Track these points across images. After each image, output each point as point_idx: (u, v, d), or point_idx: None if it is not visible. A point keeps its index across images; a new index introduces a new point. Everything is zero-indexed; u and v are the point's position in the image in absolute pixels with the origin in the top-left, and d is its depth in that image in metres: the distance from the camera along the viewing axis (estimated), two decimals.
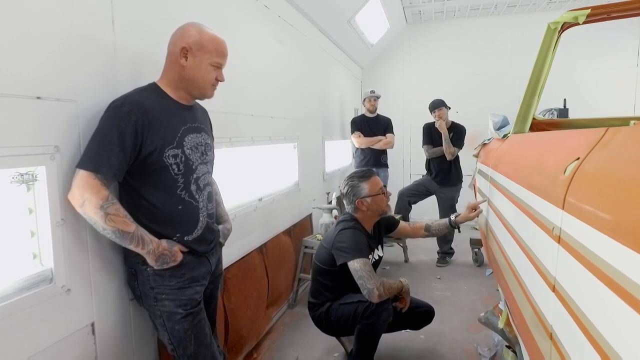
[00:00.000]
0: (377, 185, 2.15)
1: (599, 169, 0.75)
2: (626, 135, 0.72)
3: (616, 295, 0.60)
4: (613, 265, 0.62)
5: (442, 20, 5.54)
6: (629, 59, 4.98)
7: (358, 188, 2.12)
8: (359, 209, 2.13)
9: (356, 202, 2.12)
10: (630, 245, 0.57)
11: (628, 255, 0.57)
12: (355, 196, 2.11)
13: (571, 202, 0.81)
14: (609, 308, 0.63)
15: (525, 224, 1.15)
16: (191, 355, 1.34)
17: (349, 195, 2.13)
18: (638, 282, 0.54)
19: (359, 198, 2.11)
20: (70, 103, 1.20)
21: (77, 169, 1.15)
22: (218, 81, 1.40)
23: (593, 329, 0.68)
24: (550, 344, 0.88)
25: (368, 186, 2.12)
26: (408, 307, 2.11)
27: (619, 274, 0.60)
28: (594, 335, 0.67)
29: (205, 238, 1.44)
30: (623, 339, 0.58)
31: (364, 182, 2.13)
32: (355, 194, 2.11)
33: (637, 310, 0.54)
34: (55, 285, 1.17)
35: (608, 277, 0.63)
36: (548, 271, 0.91)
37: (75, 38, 1.22)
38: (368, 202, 2.11)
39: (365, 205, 2.11)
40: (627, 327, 0.57)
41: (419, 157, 5.03)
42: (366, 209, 2.12)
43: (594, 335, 0.67)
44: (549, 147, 1.14)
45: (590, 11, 1.52)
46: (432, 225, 2.39)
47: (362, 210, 2.13)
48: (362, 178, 2.14)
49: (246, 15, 2.39)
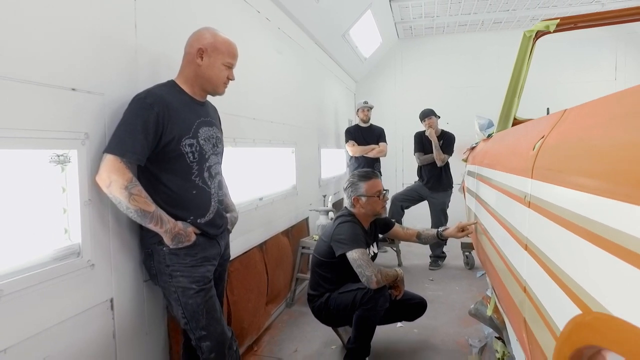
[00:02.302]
0: (374, 188, 2.27)
1: (558, 140, 0.91)
2: (578, 111, 0.88)
3: (580, 237, 0.69)
4: (574, 211, 0.73)
5: (432, 35, 5.80)
6: (608, 73, 5.27)
7: (357, 186, 2.27)
8: (354, 205, 2.28)
9: (352, 198, 2.26)
10: (586, 190, 0.68)
11: (586, 200, 0.68)
12: (353, 192, 2.26)
13: (537, 170, 0.96)
14: (575, 251, 0.72)
15: (504, 202, 1.30)
16: (203, 327, 1.46)
17: (348, 190, 2.30)
18: (598, 220, 0.63)
19: (356, 195, 2.26)
20: (99, 96, 1.34)
21: (105, 154, 1.28)
22: (229, 80, 1.56)
23: (562, 274, 0.79)
24: (524, 295, 1.02)
25: (366, 186, 2.26)
26: (402, 298, 2.24)
27: (581, 217, 0.70)
28: (562, 279, 0.80)
29: (216, 222, 1.57)
30: (591, 277, 0.66)
31: (363, 182, 2.27)
32: (353, 190, 2.26)
33: (601, 247, 0.62)
34: (82, 259, 1.29)
35: (571, 223, 0.74)
36: (521, 233, 1.06)
37: (104, 40, 1.38)
38: (363, 201, 2.26)
39: (360, 203, 2.26)
40: (594, 266, 0.64)
41: (411, 167, 5.19)
42: (360, 207, 2.27)
43: (562, 279, 0.80)
44: (522, 134, 1.30)
45: (560, 21, 1.72)
46: (422, 233, 2.51)
47: (358, 206, 2.27)
48: (363, 178, 2.29)
49: (249, 26, 2.57)
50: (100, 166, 1.28)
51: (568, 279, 0.73)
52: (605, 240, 0.60)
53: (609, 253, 0.58)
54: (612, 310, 0.55)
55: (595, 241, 0.63)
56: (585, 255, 0.67)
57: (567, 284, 0.73)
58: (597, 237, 0.63)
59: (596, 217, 0.64)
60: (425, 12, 4.92)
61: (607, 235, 0.59)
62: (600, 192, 0.63)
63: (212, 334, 1.48)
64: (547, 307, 0.85)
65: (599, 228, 0.62)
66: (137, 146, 1.30)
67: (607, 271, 0.59)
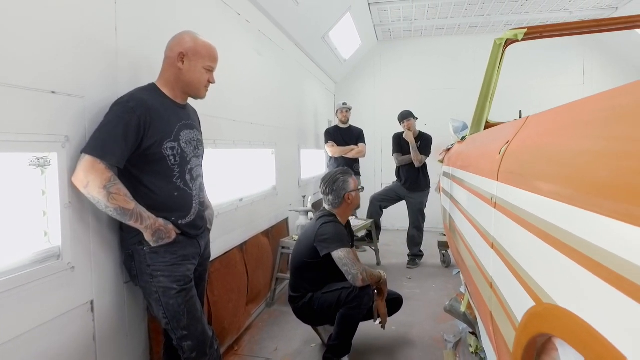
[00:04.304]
0: (355, 183, 2.41)
1: (520, 145, 0.98)
2: (537, 118, 0.95)
3: (535, 236, 0.76)
4: (531, 212, 0.80)
5: (411, 38, 5.92)
6: (576, 77, 5.51)
7: (347, 183, 2.35)
8: (344, 201, 2.34)
9: (344, 195, 2.33)
10: (541, 193, 0.75)
11: (540, 202, 0.75)
12: (344, 190, 2.33)
13: (502, 173, 1.03)
14: (531, 249, 0.78)
15: (474, 202, 1.38)
16: (184, 327, 1.48)
17: (338, 189, 2.33)
18: (550, 221, 0.70)
19: (347, 192, 2.33)
20: (79, 99, 1.35)
21: (83, 154, 1.28)
22: (210, 83, 1.58)
23: (521, 270, 0.87)
24: (491, 291, 1.09)
25: (352, 182, 2.37)
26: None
27: (536, 218, 0.77)
28: (521, 275, 0.87)
29: (197, 224, 1.59)
30: (540, 270, 0.74)
31: (349, 178, 2.37)
32: (344, 188, 2.33)
33: (555, 247, 0.68)
34: (62, 261, 1.29)
35: (528, 223, 0.81)
36: (488, 233, 1.13)
37: (85, 43, 1.38)
38: (353, 196, 2.35)
39: (350, 198, 2.35)
40: (546, 262, 0.71)
41: (389, 167, 5.29)
42: (350, 202, 2.36)
43: (521, 275, 0.87)
44: (491, 138, 1.38)
45: (527, 30, 1.82)
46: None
47: (347, 203, 2.35)
48: (347, 174, 2.39)
49: (230, 29, 2.59)
50: (77, 166, 1.28)
51: (525, 274, 0.80)
52: (555, 240, 0.66)
53: (558, 251, 0.65)
54: (558, 302, 0.61)
55: (548, 240, 0.70)
56: (538, 252, 0.74)
57: (524, 279, 0.80)
58: (548, 236, 0.69)
59: (549, 218, 0.71)
60: (403, 15, 5.02)
61: (557, 235, 0.66)
62: (553, 196, 0.70)
63: (193, 333, 1.50)
64: (509, 301, 0.92)
65: (551, 228, 0.69)
66: (117, 149, 1.31)
67: (556, 267, 0.65)
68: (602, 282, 0.52)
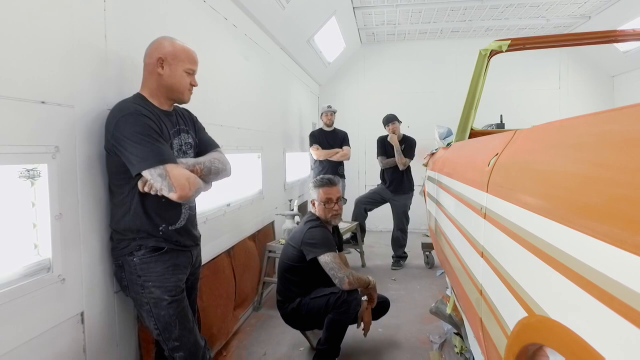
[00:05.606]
0: (325, 195, 2.39)
1: (509, 159, 1.02)
2: (526, 134, 1.00)
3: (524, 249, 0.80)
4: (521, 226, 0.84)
5: (394, 41, 6.00)
6: (553, 82, 5.70)
7: (313, 191, 2.44)
8: (313, 206, 2.45)
9: (311, 201, 2.43)
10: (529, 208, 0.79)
11: (528, 217, 0.79)
12: (310, 196, 2.43)
13: (492, 185, 1.07)
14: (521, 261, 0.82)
15: (463, 211, 1.42)
16: (176, 338, 1.47)
17: (310, 193, 2.45)
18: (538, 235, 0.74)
19: (312, 199, 2.43)
20: (69, 108, 1.33)
21: (161, 166, 1.33)
22: (192, 86, 1.57)
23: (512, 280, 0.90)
24: (480, 297, 1.13)
25: (318, 193, 2.41)
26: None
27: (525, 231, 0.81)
28: (512, 285, 0.91)
29: (188, 230, 1.58)
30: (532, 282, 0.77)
31: (318, 188, 2.42)
32: (311, 195, 2.43)
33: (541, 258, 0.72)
34: (53, 274, 1.27)
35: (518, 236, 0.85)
36: (478, 242, 1.17)
37: (74, 52, 1.36)
38: (315, 206, 2.41)
39: (314, 207, 2.42)
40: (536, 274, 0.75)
41: (374, 169, 5.35)
42: (315, 210, 2.41)
43: (512, 285, 0.91)
44: (479, 148, 1.43)
45: (511, 42, 1.88)
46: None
47: (315, 208, 2.43)
48: (318, 183, 2.44)
49: (217, 33, 2.58)
50: (171, 182, 1.33)
51: (517, 285, 0.84)
52: (543, 253, 0.70)
53: (547, 264, 0.69)
54: (550, 314, 0.65)
55: (536, 253, 0.74)
56: (529, 265, 0.78)
57: (515, 289, 0.84)
58: (537, 249, 0.73)
59: (537, 232, 0.75)
60: (387, 19, 5.09)
61: (545, 249, 0.70)
62: (540, 211, 0.74)
63: (185, 344, 1.50)
64: (499, 309, 0.96)
65: (539, 242, 0.73)
66: (167, 149, 1.38)
67: (545, 280, 0.69)
68: (590, 296, 0.56)
